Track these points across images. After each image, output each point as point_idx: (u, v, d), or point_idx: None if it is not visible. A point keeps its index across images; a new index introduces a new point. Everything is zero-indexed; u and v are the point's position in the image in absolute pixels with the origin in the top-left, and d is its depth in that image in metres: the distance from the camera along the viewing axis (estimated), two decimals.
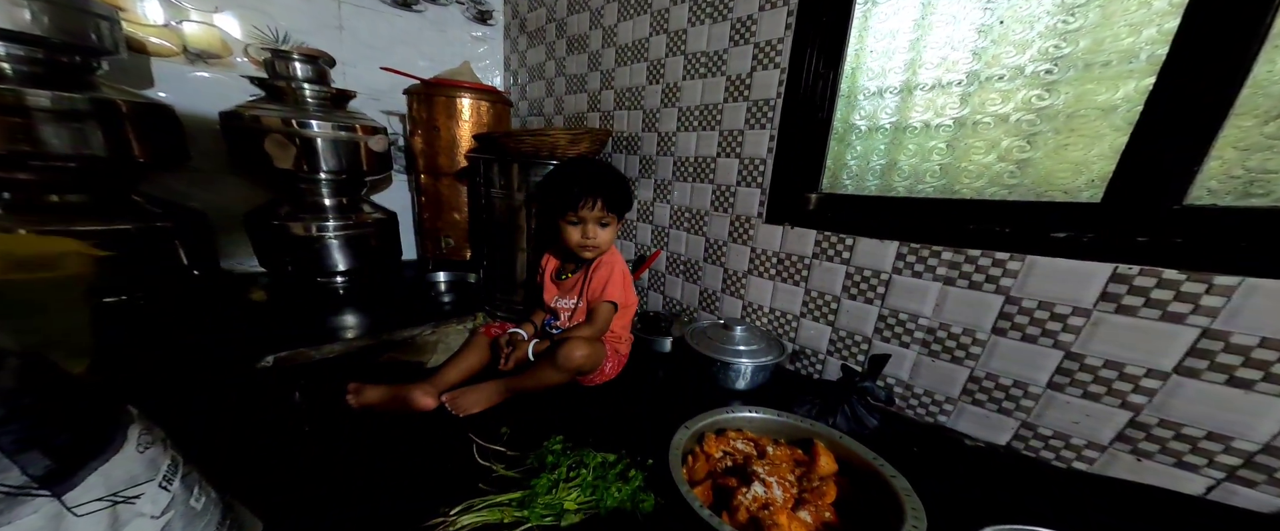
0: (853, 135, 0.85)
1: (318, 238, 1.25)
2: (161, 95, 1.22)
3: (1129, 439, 0.59)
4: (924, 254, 0.74)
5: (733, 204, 1.02)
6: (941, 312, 0.73)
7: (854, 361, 0.86)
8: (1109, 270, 0.56)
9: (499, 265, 1.23)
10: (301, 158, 1.17)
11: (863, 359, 0.84)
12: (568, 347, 0.77)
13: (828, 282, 0.88)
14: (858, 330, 0.85)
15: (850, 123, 0.85)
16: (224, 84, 1.29)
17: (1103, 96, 0.58)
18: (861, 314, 0.84)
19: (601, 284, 0.85)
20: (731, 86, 0.98)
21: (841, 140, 0.86)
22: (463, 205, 1.44)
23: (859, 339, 0.85)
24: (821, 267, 0.88)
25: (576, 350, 0.77)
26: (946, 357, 0.74)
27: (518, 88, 1.72)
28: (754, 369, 0.88)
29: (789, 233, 0.92)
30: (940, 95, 0.73)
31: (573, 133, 1.07)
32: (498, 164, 1.14)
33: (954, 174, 0.73)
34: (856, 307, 0.84)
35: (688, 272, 1.18)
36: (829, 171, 0.87)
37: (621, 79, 1.26)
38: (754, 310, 1.04)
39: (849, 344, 0.87)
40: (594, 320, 0.85)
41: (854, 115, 0.84)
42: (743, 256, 1.03)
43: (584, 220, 0.82)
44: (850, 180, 0.86)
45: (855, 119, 0.84)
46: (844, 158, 0.86)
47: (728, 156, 1.01)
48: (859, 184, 0.85)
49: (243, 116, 1.11)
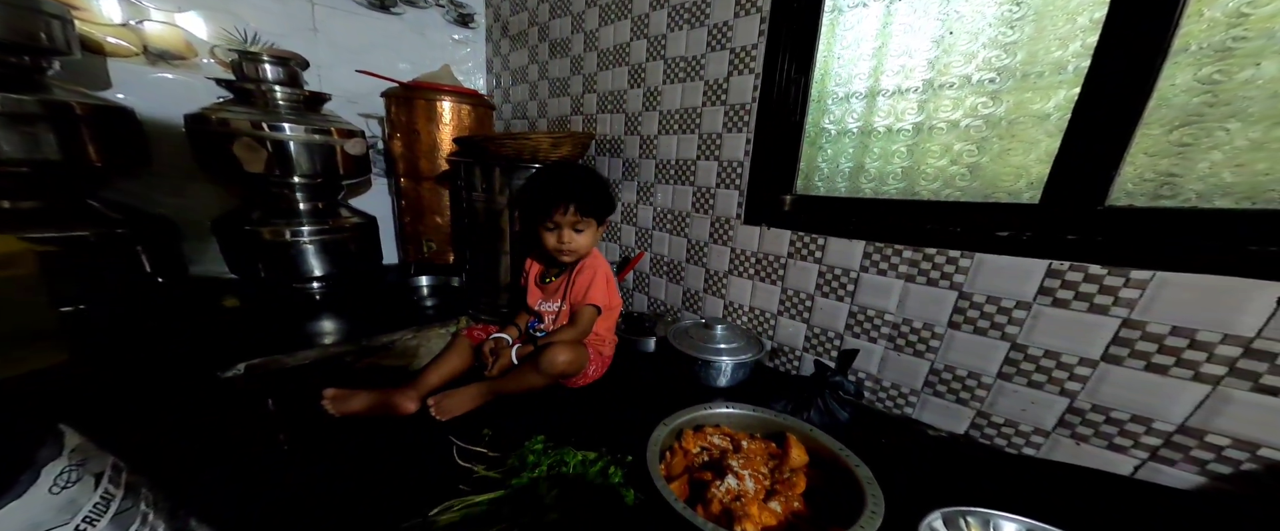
0: (823, 139, 0.91)
1: (292, 243, 1.26)
2: (120, 97, 1.21)
3: (1068, 424, 0.66)
4: (888, 252, 0.80)
5: (713, 205, 1.08)
6: (905, 308, 0.80)
7: (828, 357, 0.92)
8: (1045, 266, 0.63)
9: (482, 269, 1.25)
10: (273, 161, 1.18)
11: (836, 354, 0.90)
12: (550, 353, 0.81)
13: (803, 281, 0.94)
14: (831, 326, 0.91)
15: (821, 127, 0.91)
16: (188, 86, 1.29)
17: (1038, 105, 0.65)
18: (834, 311, 0.90)
19: (584, 287, 0.90)
20: (710, 91, 1.03)
21: (813, 143, 0.92)
22: (444, 209, 1.46)
23: (832, 335, 0.91)
24: (797, 267, 0.94)
25: (559, 355, 0.81)
26: (910, 351, 0.80)
27: (501, 91, 1.75)
28: (734, 367, 0.93)
29: (766, 233, 0.97)
30: (900, 101, 0.79)
31: (555, 136, 1.11)
32: (479, 167, 1.17)
33: (913, 176, 0.80)
34: (829, 305, 0.91)
35: (671, 273, 1.23)
36: (802, 173, 0.93)
37: (604, 82, 1.30)
38: (735, 309, 1.09)
39: (823, 340, 0.93)
40: (577, 323, 0.89)
41: (824, 119, 0.90)
42: (723, 257, 1.08)
43: (559, 226, 0.87)
44: (822, 182, 0.93)
45: (825, 123, 0.90)
46: (816, 160, 0.92)
47: (707, 159, 1.06)
48: (830, 186, 0.92)
49: (209, 119, 1.12)
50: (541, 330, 0.96)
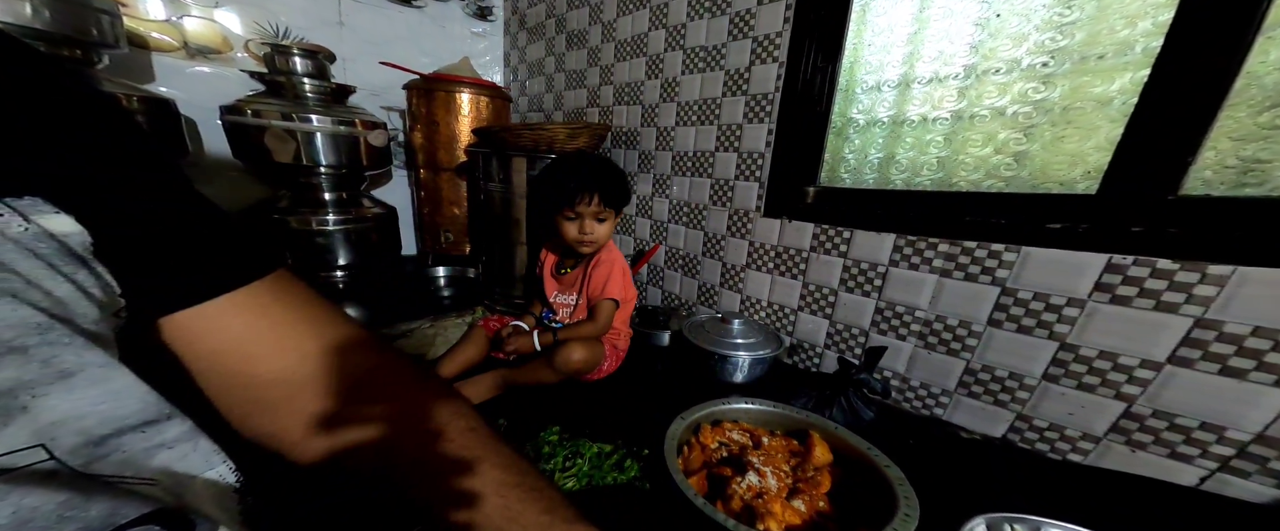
0: (850, 129, 0.85)
1: (318, 231, 1.25)
2: (162, 90, 1.22)
3: (1123, 430, 0.59)
4: (920, 246, 0.74)
5: (731, 198, 1.03)
6: (938, 305, 0.73)
7: (851, 354, 0.87)
8: (1104, 260, 0.57)
9: (497, 259, 1.23)
10: (301, 152, 1.17)
11: (860, 351, 0.85)
12: (566, 351, 0.77)
13: (825, 275, 0.88)
14: (855, 323, 0.85)
15: (848, 116, 0.85)
16: (224, 79, 1.30)
17: (1099, 88, 0.58)
18: (858, 306, 0.84)
19: (602, 281, 0.85)
20: (730, 81, 0.98)
21: (839, 134, 0.86)
22: (462, 200, 1.45)
23: (856, 332, 0.85)
24: (819, 261, 0.88)
25: (574, 353, 0.78)
26: (943, 350, 0.74)
27: (517, 83, 1.73)
28: (751, 362, 0.88)
29: (787, 226, 0.92)
30: (937, 89, 0.73)
31: (571, 127, 1.08)
32: (496, 158, 1.14)
33: (951, 167, 0.73)
34: (853, 300, 0.84)
35: (686, 267, 1.19)
36: (826, 165, 0.87)
37: (620, 74, 1.26)
38: (752, 304, 1.04)
39: (846, 337, 0.87)
40: (596, 318, 0.85)
41: (852, 109, 0.84)
42: (741, 250, 1.03)
43: (581, 216, 0.82)
44: (847, 174, 0.87)
45: (853, 113, 0.84)
46: (841, 151, 0.87)
47: (726, 151, 1.01)
48: (856, 177, 0.86)
49: (243, 111, 1.12)
50: (556, 321, 0.93)
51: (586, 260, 0.89)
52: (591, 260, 0.88)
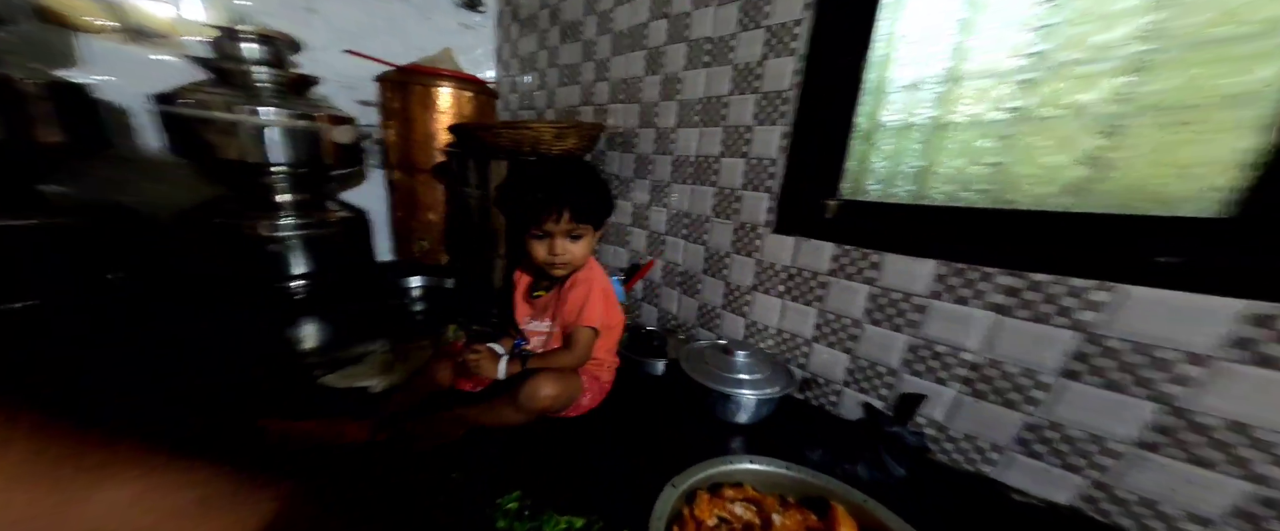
0: (881, 133, 0.71)
1: (270, 237, 1.09)
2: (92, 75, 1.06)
3: (1252, 515, 0.45)
4: (972, 276, 0.60)
5: (737, 210, 0.88)
6: (993, 347, 0.59)
7: (876, 394, 0.72)
8: (1240, 307, 0.43)
9: (474, 272, 1.08)
10: (250, 148, 1.02)
11: (887, 392, 0.70)
12: (534, 386, 0.62)
13: (847, 304, 0.74)
14: (881, 360, 0.71)
15: (877, 119, 0.71)
16: (167, 65, 1.14)
17: (1227, 81, 0.44)
18: (887, 342, 0.70)
19: (577, 306, 0.70)
20: (739, 76, 0.84)
21: (867, 139, 0.72)
22: (439, 204, 1.29)
23: (882, 370, 0.71)
24: (840, 286, 0.74)
25: (543, 388, 0.63)
26: (996, 400, 0.60)
27: (509, 80, 1.58)
28: (758, 402, 0.74)
29: (802, 245, 0.78)
30: (997, 85, 0.59)
31: (559, 126, 0.93)
32: (473, 160, 0.99)
33: (1009, 179, 0.59)
34: (881, 335, 0.70)
35: (686, 285, 1.04)
36: (850, 175, 0.73)
37: (617, 69, 1.12)
38: (759, 330, 0.89)
39: (870, 375, 0.73)
40: (571, 348, 0.70)
41: (883, 109, 0.71)
42: (747, 269, 0.89)
43: (550, 234, 0.68)
44: (877, 185, 0.73)
45: (884, 115, 0.71)
46: (869, 159, 0.73)
47: (733, 156, 0.87)
48: (887, 190, 0.72)
49: (179, 100, 0.96)
50: (528, 351, 0.78)
51: (561, 281, 0.74)
52: (566, 281, 0.73)
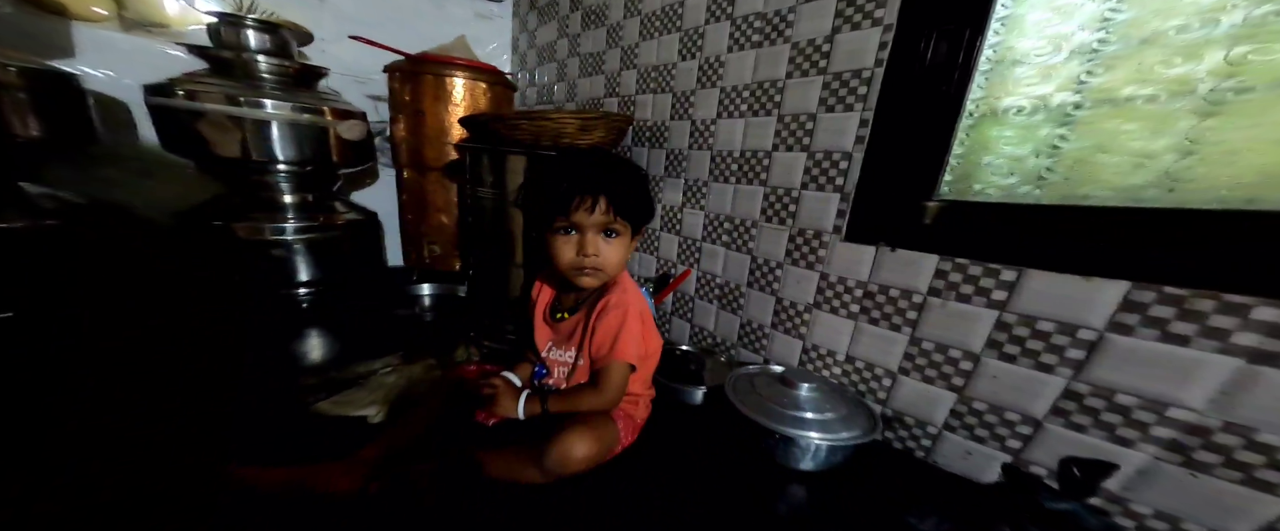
0: (1002, 119, 0.56)
1: (273, 241, 1.01)
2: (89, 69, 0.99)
3: None
4: (1198, 307, 0.43)
5: (794, 213, 0.75)
6: (1232, 406, 0.43)
7: (997, 446, 0.56)
8: None
9: (488, 281, 0.97)
10: (250, 144, 0.93)
11: (1017, 446, 0.54)
12: (564, 448, 0.50)
13: (958, 332, 0.58)
14: (1014, 406, 0.54)
15: (995, 103, 0.56)
16: (167, 56, 1.06)
17: None
18: (1027, 385, 0.53)
19: (609, 336, 0.57)
20: (800, 56, 0.70)
21: (982, 125, 0.57)
22: (452, 206, 1.19)
23: (1014, 418, 0.55)
24: (947, 310, 0.58)
25: (574, 450, 0.50)
26: (1232, 476, 0.43)
27: (526, 73, 1.47)
28: (831, 449, 0.60)
29: (886, 256, 0.63)
30: (1206, 47, 0.43)
31: (584, 117, 0.81)
32: (488, 156, 0.88)
33: (1233, 167, 0.43)
34: (1016, 374, 0.54)
35: (726, 299, 0.91)
36: (953, 170, 0.59)
37: (647, 55, 0.99)
38: (820, 356, 0.75)
39: (990, 422, 0.57)
40: (602, 387, 0.57)
41: (1007, 89, 0.55)
42: (807, 284, 0.75)
43: (581, 228, 0.55)
44: (995, 179, 0.57)
45: (1007, 96, 0.55)
46: (982, 150, 0.57)
47: (790, 149, 0.74)
48: (1010, 189, 0.56)
49: (173, 91, 0.88)
50: (548, 384, 0.65)
51: (590, 300, 0.61)
52: (597, 302, 0.60)
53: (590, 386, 0.59)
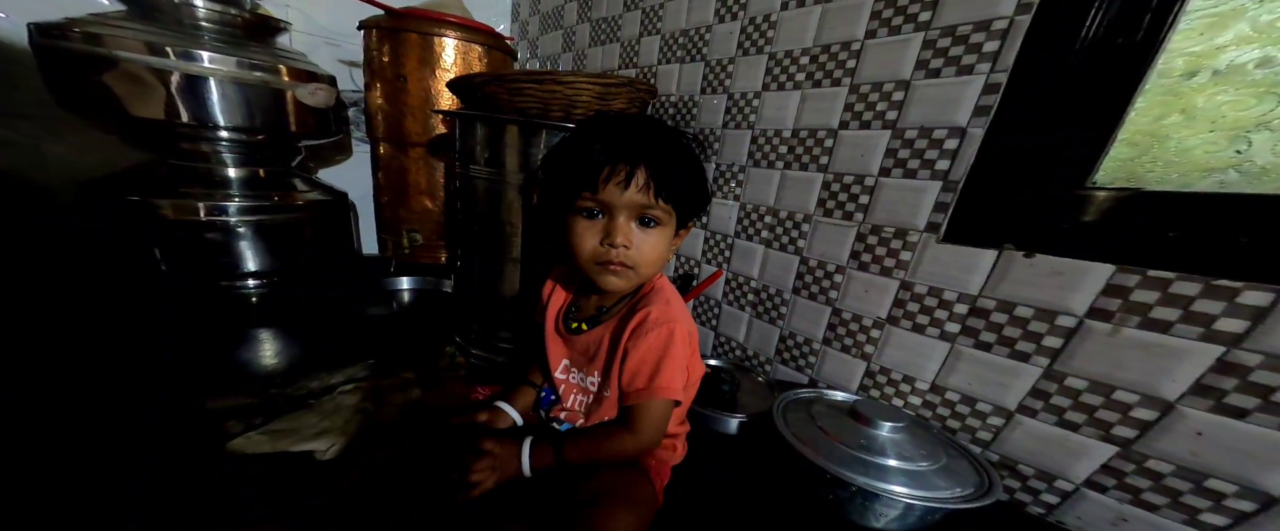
0: (1210, 87, 0.39)
1: (209, 222, 0.80)
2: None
3: None
4: None
5: (865, 205, 0.59)
6: None
7: (1187, 519, 0.40)
8: None
9: (478, 278, 0.79)
10: (179, 103, 0.72)
11: (1221, 523, 0.39)
12: (599, 524, 0.33)
13: (1135, 369, 0.41)
14: (1227, 473, 0.38)
15: (1203, 60, 0.39)
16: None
17: None
18: (1255, 448, 0.37)
19: (650, 363, 0.41)
20: (888, 8, 0.54)
21: (1175, 96, 0.41)
22: (438, 188, 1.00)
23: (1225, 489, 0.38)
24: (1119, 338, 0.42)
25: (616, 524, 0.34)
26: None
27: (527, 43, 1.28)
28: (926, 512, 0.45)
29: (1015, 262, 0.47)
30: None
31: (604, 81, 0.64)
32: (482, 126, 0.70)
33: None
34: (1238, 432, 0.37)
35: (762, 306, 0.75)
36: (1114, 161, 0.42)
37: (674, 18, 0.82)
38: (890, 381, 0.60)
39: (1177, 489, 0.40)
40: (636, 429, 0.41)
41: (1224, 42, 0.38)
42: (879, 294, 0.59)
43: (610, 209, 0.39)
44: (1177, 163, 0.40)
45: (1221, 55, 0.38)
46: (1171, 129, 0.40)
47: (866, 126, 0.58)
48: (1204, 176, 0.40)
49: (70, 33, 0.66)
50: (560, 418, 0.48)
51: (621, 308, 0.45)
52: (632, 312, 0.43)
53: (621, 426, 0.43)
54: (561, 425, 0.47)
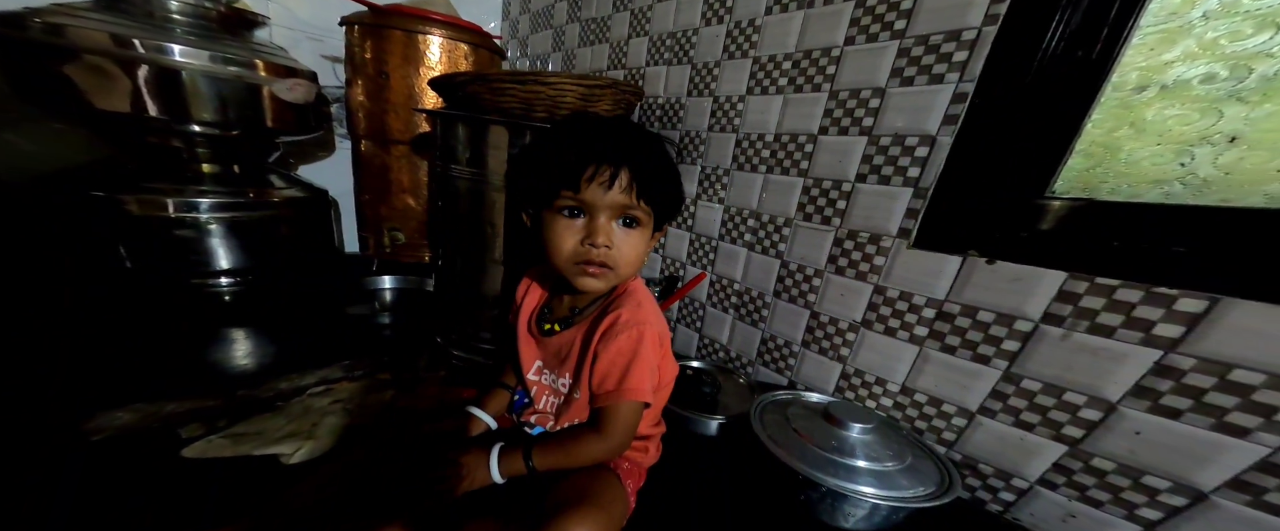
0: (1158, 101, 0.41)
1: (178, 219, 0.78)
2: None
3: None
4: None
5: (842, 210, 0.60)
6: None
7: (1126, 514, 0.42)
8: None
9: (460, 279, 0.78)
10: (146, 97, 0.70)
11: (1156, 516, 0.41)
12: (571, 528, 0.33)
13: (1083, 372, 0.43)
14: (1162, 470, 0.40)
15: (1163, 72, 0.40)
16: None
17: None
18: (1189, 446, 0.39)
19: (618, 365, 0.41)
20: (867, 16, 0.55)
21: (1127, 109, 0.42)
22: (420, 186, 0.98)
23: (1159, 485, 0.40)
24: (1070, 343, 0.44)
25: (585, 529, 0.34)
26: None
27: (516, 42, 1.27)
28: (890, 511, 0.46)
29: (978, 269, 0.49)
30: None
31: (588, 82, 0.63)
32: (463, 127, 0.69)
33: None
34: (1173, 432, 0.39)
35: (744, 309, 0.76)
36: (1083, 157, 0.43)
37: (662, 19, 0.82)
38: (864, 383, 0.61)
39: (1119, 485, 0.42)
40: (605, 432, 0.41)
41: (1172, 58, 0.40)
42: (855, 296, 0.60)
43: (591, 209, 0.39)
44: (1127, 174, 0.42)
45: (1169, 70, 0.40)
46: (1123, 141, 0.42)
47: (844, 132, 0.59)
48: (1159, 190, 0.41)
49: (28, 23, 0.64)
50: (531, 420, 0.48)
51: (593, 310, 0.45)
52: (604, 314, 0.43)
53: (590, 429, 0.42)
54: (533, 429, 0.47)
